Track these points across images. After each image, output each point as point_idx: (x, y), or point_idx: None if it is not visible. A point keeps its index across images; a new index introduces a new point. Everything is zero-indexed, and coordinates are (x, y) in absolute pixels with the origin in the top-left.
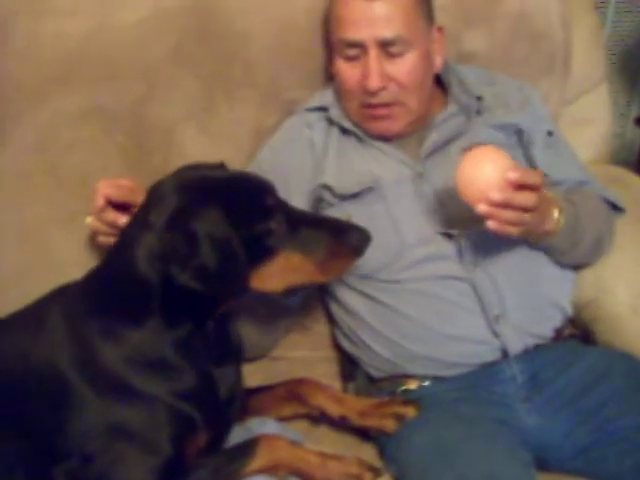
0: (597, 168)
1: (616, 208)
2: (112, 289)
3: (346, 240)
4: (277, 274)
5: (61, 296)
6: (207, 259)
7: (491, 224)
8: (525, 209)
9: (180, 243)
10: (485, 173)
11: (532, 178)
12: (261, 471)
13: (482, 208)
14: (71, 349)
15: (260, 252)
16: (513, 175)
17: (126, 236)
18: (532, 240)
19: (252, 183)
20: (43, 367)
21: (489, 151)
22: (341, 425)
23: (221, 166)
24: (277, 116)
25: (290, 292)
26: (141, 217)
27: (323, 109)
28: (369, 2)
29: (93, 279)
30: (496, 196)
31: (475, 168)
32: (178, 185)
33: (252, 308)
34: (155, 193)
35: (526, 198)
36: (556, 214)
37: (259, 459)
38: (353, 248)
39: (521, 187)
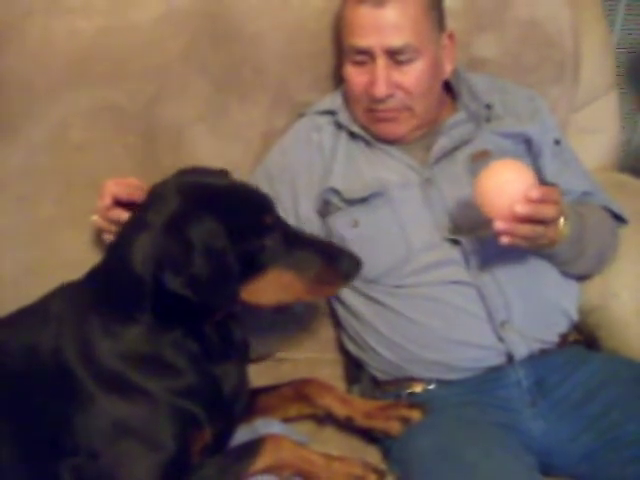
0: (604, 175)
1: (620, 218)
2: (108, 286)
3: (337, 265)
4: (267, 289)
5: (65, 293)
6: (200, 268)
7: (504, 239)
8: (544, 222)
9: (175, 249)
10: (509, 187)
11: (553, 195)
12: (266, 471)
13: (499, 225)
14: (75, 346)
15: (253, 267)
16: (535, 194)
17: (123, 235)
18: (535, 248)
19: (253, 197)
20: (49, 363)
21: (511, 164)
22: (346, 426)
23: (225, 173)
24: (287, 118)
25: (279, 308)
26: (139, 216)
27: (332, 113)
28: (378, 9)
29: (92, 276)
30: (521, 210)
31: (498, 181)
32: (179, 188)
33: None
34: (155, 193)
35: (549, 211)
36: (561, 223)
37: (264, 459)
38: (343, 273)
39: (543, 201)
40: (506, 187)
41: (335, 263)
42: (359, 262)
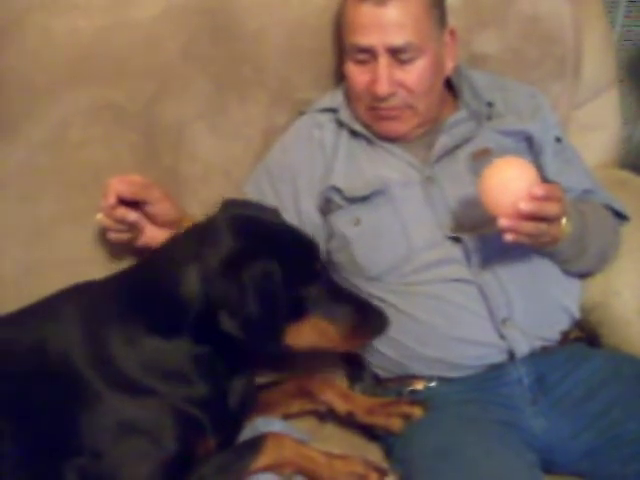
0: (605, 172)
1: (621, 216)
2: (144, 300)
3: (368, 319)
4: (304, 334)
5: (80, 294)
6: (253, 309)
7: (508, 236)
8: (548, 219)
9: (233, 292)
10: (513, 184)
11: (556, 192)
12: (267, 469)
13: (503, 222)
14: (87, 347)
15: (295, 311)
16: (540, 191)
17: (169, 258)
18: (538, 246)
19: (305, 242)
20: (57, 362)
21: (515, 162)
22: (347, 422)
23: (276, 213)
24: (287, 116)
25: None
26: (190, 245)
27: (333, 110)
28: (380, 7)
29: (120, 284)
30: (525, 207)
31: (502, 178)
32: (234, 224)
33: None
34: (208, 225)
35: (553, 209)
36: (563, 221)
37: (265, 457)
38: (372, 328)
39: (547, 198)
40: (510, 184)
41: (367, 317)
42: (388, 320)
